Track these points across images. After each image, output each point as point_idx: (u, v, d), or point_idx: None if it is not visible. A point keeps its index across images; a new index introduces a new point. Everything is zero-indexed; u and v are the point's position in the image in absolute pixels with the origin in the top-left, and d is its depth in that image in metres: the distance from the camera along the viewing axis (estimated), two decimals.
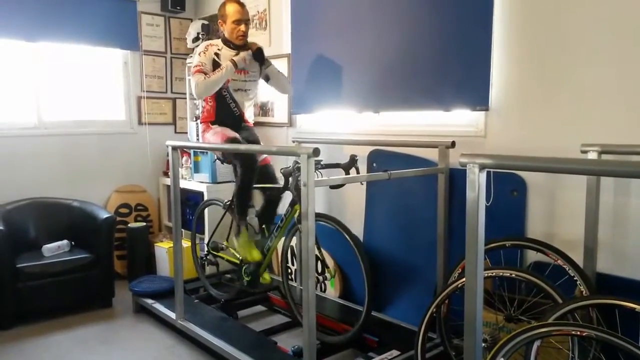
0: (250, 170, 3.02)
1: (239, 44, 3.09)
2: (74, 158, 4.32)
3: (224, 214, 3.40)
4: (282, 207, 3.35)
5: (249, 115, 3.31)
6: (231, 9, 3.02)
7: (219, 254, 3.46)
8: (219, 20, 3.09)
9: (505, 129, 2.71)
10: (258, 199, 3.37)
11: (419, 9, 3.01)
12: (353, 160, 2.83)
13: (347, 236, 2.72)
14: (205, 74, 2.98)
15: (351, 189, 3.49)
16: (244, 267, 3.18)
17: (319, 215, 2.82)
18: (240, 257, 3.17)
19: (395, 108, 3.21)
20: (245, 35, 3.08)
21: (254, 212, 3.24)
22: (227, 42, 3.09)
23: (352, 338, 2.74)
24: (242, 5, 3.07)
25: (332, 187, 2.81)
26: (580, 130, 2.39)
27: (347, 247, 2.73)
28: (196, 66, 3.01)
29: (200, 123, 3.22)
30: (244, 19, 3.05)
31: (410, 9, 3.05)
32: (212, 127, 3.16)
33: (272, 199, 3.26)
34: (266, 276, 3.18)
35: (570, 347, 2.02)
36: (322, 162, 2.81)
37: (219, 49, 3.06)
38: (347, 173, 2.84)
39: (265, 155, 3.24)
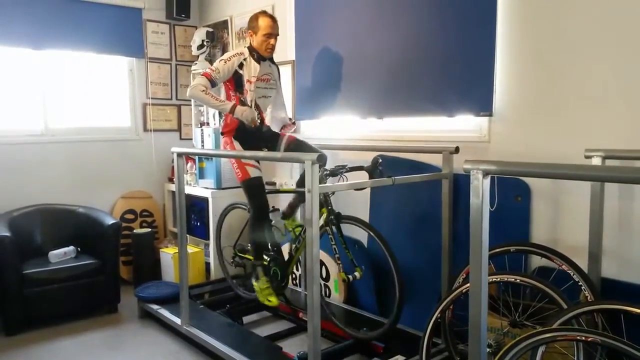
0: (262, 211, 3.08)
1: (267, 56, 3.16)
2: (80, 165, 4.35)
3: (249, 218, 3.40)
4: None
5: (275, 117, 3.30)
6: (264, 23, 3.07)
7: (245, 255, 3.48)
8: (249, 31, 3.13)
9: (509, 134, 2.72)
10: (284, 201, 3.38)
11: (422, 16, 3.02)
12: (376, 163, 2.87)
13: (380, 242, 2.75)
14: (212, 82, 2.98)
15: (355, 195, 3.50)
16: (271, 271, 3.18)
17: (350, 219, 2.87)
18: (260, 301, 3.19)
19: (399, 114, 3.22)
20: (273, 48, 3.15)
21: (279, 215, 3.27)
22: (253, 52, 3.12)
23: (385, 332, 2.78)
24: (274, 20, 3.13)
25: (357, 189, 2.88)
26: (584, 135, 2.40)
27: (352, 250, 2.74)
28: (210, 69, 3.00)
29: (222, 135, 3.20)
30: (274, 34, 3.11)
31: (413, 16, 3.07)
32: (234, 143, 3.11)
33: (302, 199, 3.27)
34: (273, 299, 3.15)
35: (575, 353, 2.01)
36: (347, 166, 2.86)
37: (244, 59, 3.07)
38: (371, 175, 2.88)
39: (289, 134, 3.27)
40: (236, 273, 3.77)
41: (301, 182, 3.17)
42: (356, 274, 2.82)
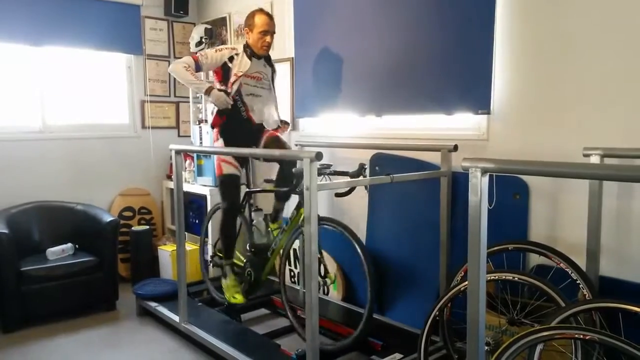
0: (231, 209, 3.15)
1: (262, 54, 3.17)
2: (78, 162, 4.34)
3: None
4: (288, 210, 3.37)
5: (268, 118, 3.32)
6: (260, 20, 3.09)
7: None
8: (246, 28, 3.15)
9: (507, 132, 2.72)
10: (269, 199, 3.38)
11: (421, 14, 3.02)
12: (361, 169, 2.86)
13: (352, 240, 2.73)
14: (198, 66, 3.03)
15: (354, 192, 3.50)
16: (245, 272, 3.19)
17: (323, 219, 2.83)
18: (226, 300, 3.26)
19: (398, 112, 3.22)
20: (269, 46, 3.16)
21: (261, 215, 3.26)
22: (248, 49, 3.12)
23: (354, 343, 2.74)
24: (270, 17, 3.15)
25: (338, 195, 2.83)
26: (583, 133, 2.40)
27: (350, 250, 2.74)
28: (199, 53, 3.07)
29: (212, 127, 3.24)
30: (270, 31, 3.13)
31: (412, 14, 3.06)
32: (220, 139, 3.17)
33: (281, 194, 3.26)
34: (238, 297, 3.21)
35: (573, 351, 2.01)
36: (331, 168, 2.86)
37: (236, 54, 3.09)
38: None
39: (271, 130, 3.28)
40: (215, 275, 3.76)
41: (281, 181, 3.22)
42: (327, 279, 2.80)
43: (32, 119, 4.15)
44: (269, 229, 3.26)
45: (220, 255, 3.42)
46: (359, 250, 2.71)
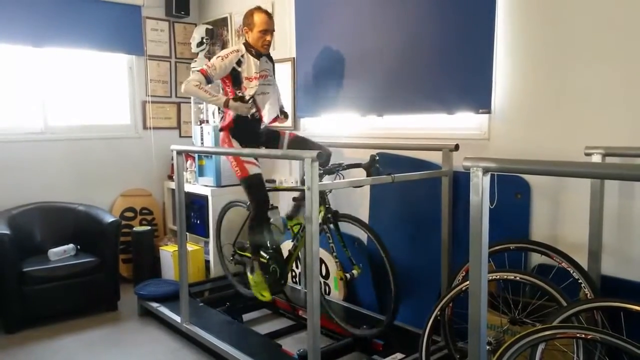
0: (262, 207, 3.09)
1: (263, 53, 3.14)
2: (80, 162, 4.35)
3: (249, 215, 3.40)
4: None
5: (270, 113, 3.32)
6: (259, 19, 3.06)
7: (245, 253, 3.47)
8: (245, 28, 3.12)
9: (508, 131, 2.72)
10: (283, 199, 3.38)
11: (422, 13, 3.02)
12: (373, 160, 2.90)
13: (375, 240, 2.77)
14: (207, 79, 2.97)
15: (355, 192, 3.50)
16: (270, 268, 3.19)
17: (346, 217, 2.89)
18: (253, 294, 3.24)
19: (399, 111, 3.22)
20: (270, 44, 3.14)
21: (277, 213, 3.27)
22: (249, 49, 3.11)
23: (382, 331, 2.81)
24: (269, 15, 3.12)
25: (356, 186, 2.88)
26: (584, 132, 2.39)
27: (351, 248, 2.75)
28: (207, 66, 3.01)
29: (220, 130, 3.18)
30: (270, 29, 3.10)
31: (413, 13, 3.06)
32: (232, 141, 3.11)
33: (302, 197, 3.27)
34: (266, 294, 3.21)
35: (575, 350, 2.01)
36: (343, 164, 2.89)
37: (242, 56, 3.06)
38: (369, 173, 2.91)
39: (289, 131, 3.32)
40: (236, 270, 3.77)
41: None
42: (354, 271, 2.83)
43: (33, 120, 4.16)
44: (288, 226, 3.26)
45: (242, 253, 3.44)
46: (382, 254, 2.75)
